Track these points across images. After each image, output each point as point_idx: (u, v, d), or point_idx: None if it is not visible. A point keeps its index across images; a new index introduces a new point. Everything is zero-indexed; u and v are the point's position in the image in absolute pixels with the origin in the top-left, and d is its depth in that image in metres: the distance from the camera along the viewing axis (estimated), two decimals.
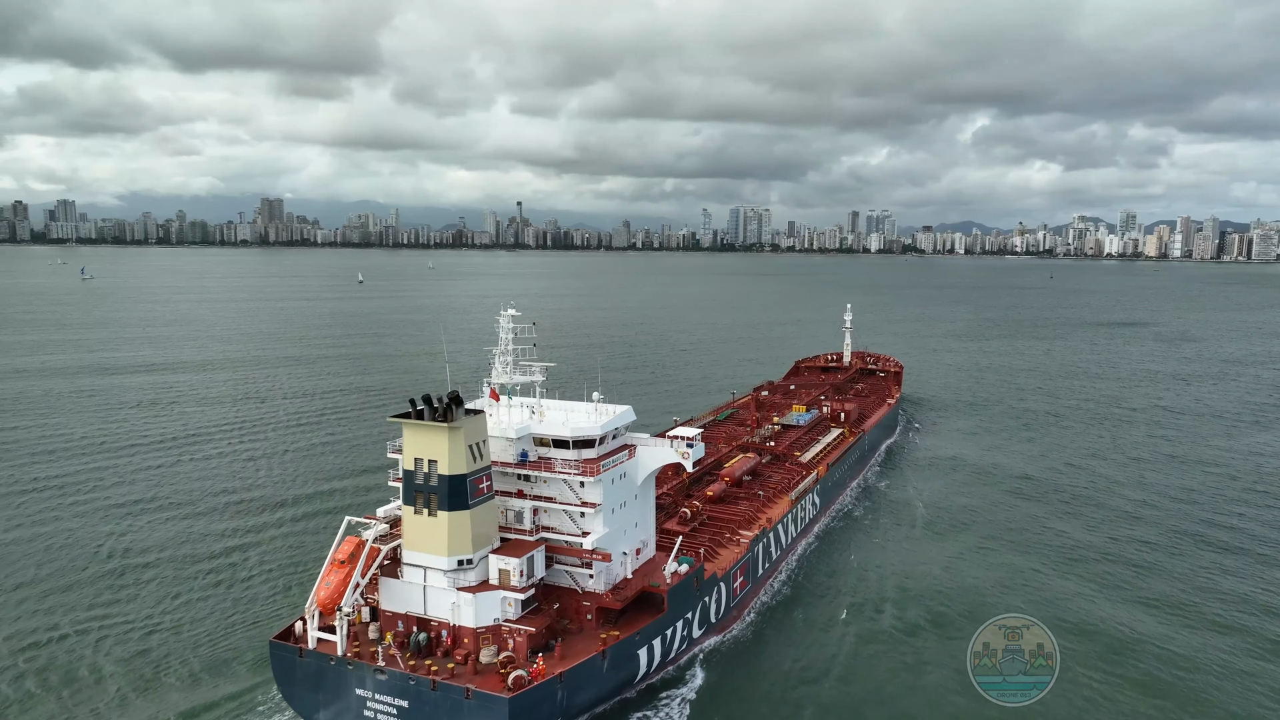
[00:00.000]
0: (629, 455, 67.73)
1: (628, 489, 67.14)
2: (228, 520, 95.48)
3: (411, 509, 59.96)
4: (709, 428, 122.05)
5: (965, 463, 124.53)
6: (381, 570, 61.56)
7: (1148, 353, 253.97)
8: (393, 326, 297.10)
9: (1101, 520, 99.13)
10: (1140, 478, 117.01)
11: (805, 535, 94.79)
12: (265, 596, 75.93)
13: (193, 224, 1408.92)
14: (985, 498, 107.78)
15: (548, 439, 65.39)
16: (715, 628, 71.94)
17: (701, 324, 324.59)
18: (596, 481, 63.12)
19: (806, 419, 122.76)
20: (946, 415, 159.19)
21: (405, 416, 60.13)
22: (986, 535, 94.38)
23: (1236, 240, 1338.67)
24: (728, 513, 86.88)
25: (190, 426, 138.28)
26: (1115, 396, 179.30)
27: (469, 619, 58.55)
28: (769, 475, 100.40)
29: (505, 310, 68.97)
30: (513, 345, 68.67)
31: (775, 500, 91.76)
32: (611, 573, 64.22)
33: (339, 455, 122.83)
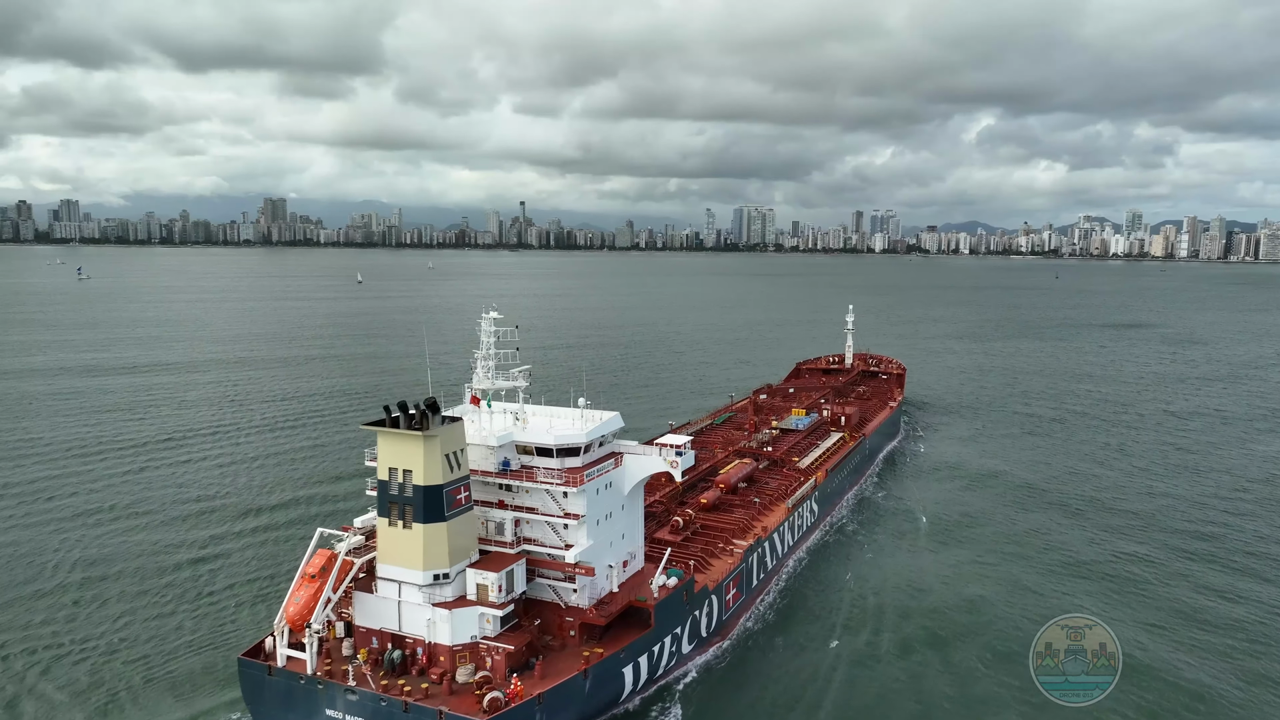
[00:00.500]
0: (615, 464, 65.09)
1: (614, 499, 64.48)
2: (197, 529, 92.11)
3: (386, 521, 57.38)
4: (706, 432, 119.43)
5: (969, 468, 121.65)
6: (356, 584, 58.99)
7: (1155, 355, 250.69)
8: (386, 327, 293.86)
9: (1107, 532, 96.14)
10: (1149, 486, 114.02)
11: (802, 544, 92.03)
12: (235, 610, 73.10)
13: (196, 224, 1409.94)
14: (989, 506, 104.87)
15: (531, 446, 62.80)
16: (706, 642, 69.26)
17: (701, 325, 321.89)
18: (580, 492, 60.51)
19: (806, 423, 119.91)
20: (950, 418, 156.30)
21: (379, 424, 57.47)
22: (989, 547, 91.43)
23: (1244, 240, 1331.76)
24: (722, 521, 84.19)
25: (165, 430, 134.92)
26: (1122, 401, 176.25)
27: (445, 636, 55.92)
28: (765, 482, 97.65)
29: (487, 313, 66.27)
30: (495, 349, 66.06)
31: (771, 508, 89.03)
32: (597, 586, 61.57)
33: (317, 462, 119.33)
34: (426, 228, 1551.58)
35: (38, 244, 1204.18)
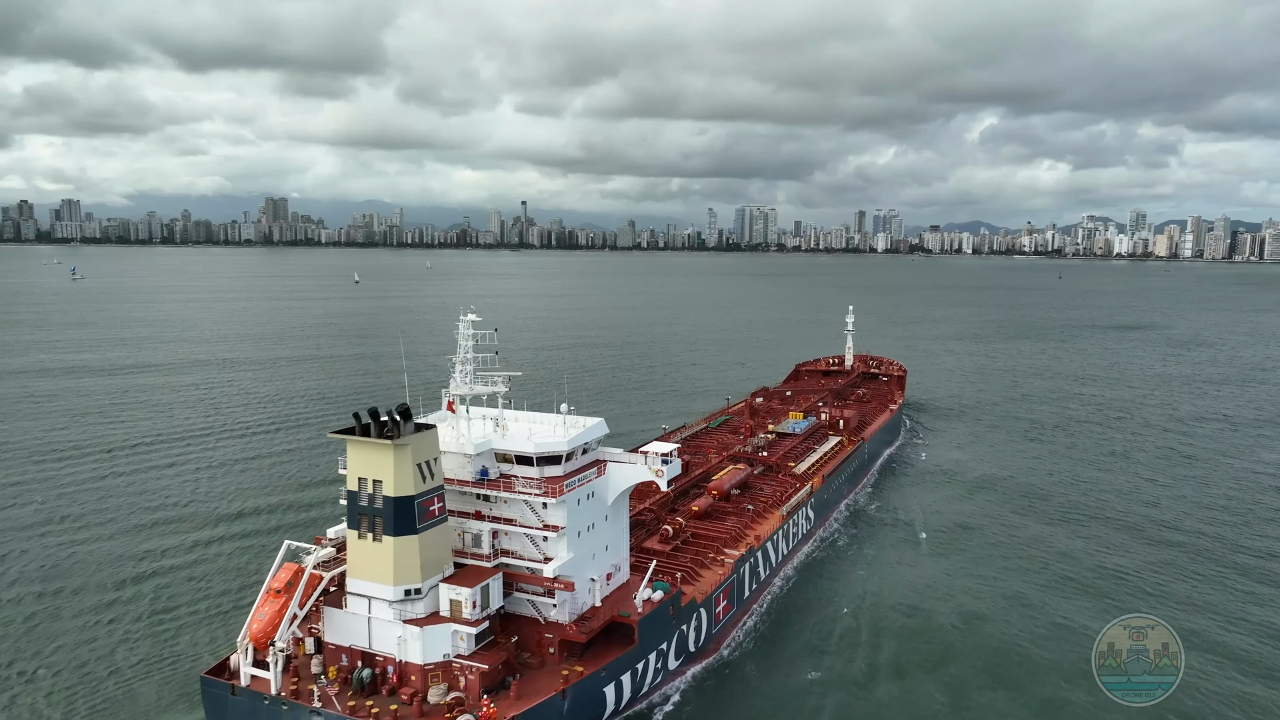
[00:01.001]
0: (599, 472, 62.34)
1: (596, 509, 61.73)
2: (161, 539, 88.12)
3: (356, 533, 54.70)
4: (701, 436, 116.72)
5: (970, 474, 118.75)
6: (325, 599, 56.33)
7: (1160, 357, 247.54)
8: (379, 328, 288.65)
9: (1112, 545, 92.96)
10: (1156, 495, 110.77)
11: (797, 552, 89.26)
12: (198, 625, 69.79)
13: (197, 223, 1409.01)
14: (990, 515, 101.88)
15: (510, 454, 60.14)
16: (695, 658, 66.53)
17: (699, 325, 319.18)
18: (560, 503, 57.77)
19: (803, 426, 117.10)
20: (951, 421, 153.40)
21: (349, 432, 54.76)
22: (990, 559, 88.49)
23: (1248, 240, 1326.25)
24: (713, 529, 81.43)
25: (136, 434, 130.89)
26: (1127, 405, 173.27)
27: (416, 655, 53.24)
28: (760, 488, 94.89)
29: (464, 315, 63.57)
30: (473, 353, 63.38)
31: (765, 515, 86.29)
32: (577, 601, 58.83)
33: (291, 468, 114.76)
34: (428, 227, 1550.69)
35: (39, 244, 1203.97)
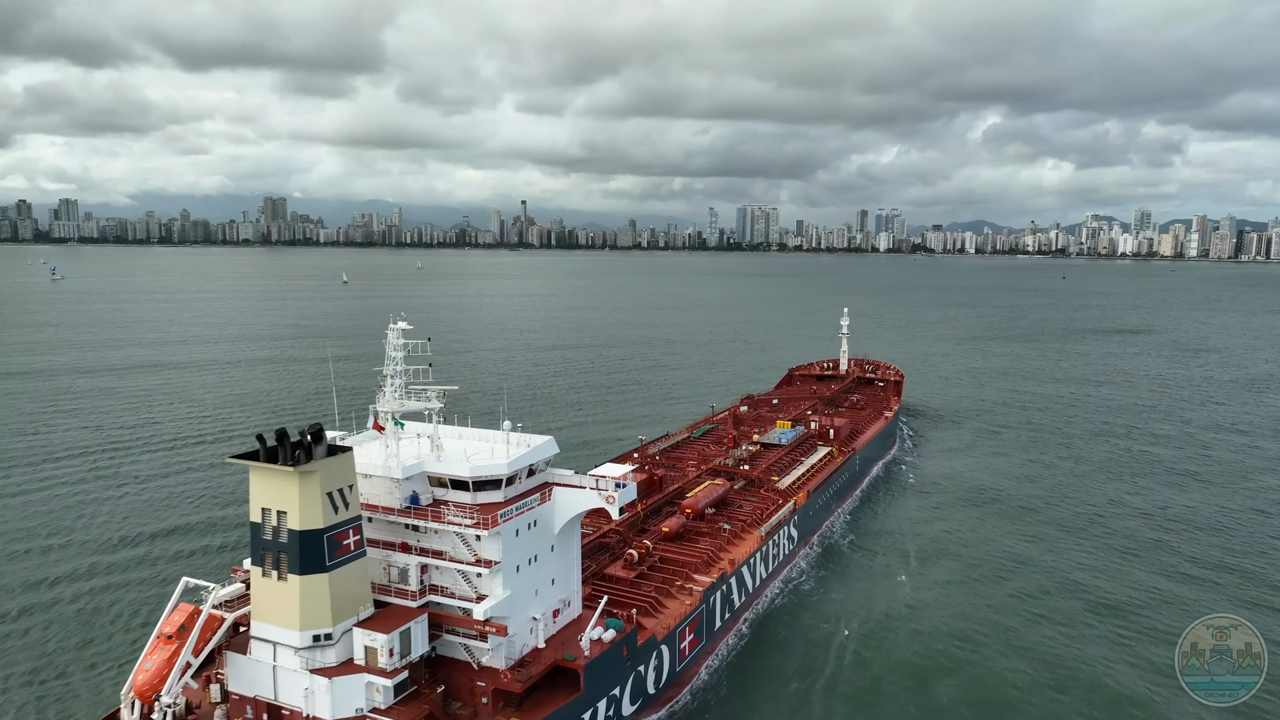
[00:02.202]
0: (543, 498, 55.82)
1: (540, 540, 55.23)
2: (54, 566, 79.22)
3: (260, 570, 48.22)
4: (681, 447, 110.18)
5: (968, 488, 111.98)
6: (229, 642, 49.93)
7: (1168, 364, 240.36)
8: (354, 331, 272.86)
9: (1123, 572, 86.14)
10: (1166, 518, 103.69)
11: (778, 576, 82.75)
12: (84, 674, 61.96)
13: (195, 223, 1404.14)
14: (989, 534, 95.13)
15: (444, 478, 53.69)
16: (657, 700, 60.09)
17: (690, 326, 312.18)
18: (494, 534, 51.28)
19: (791, 436, 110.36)
20: (950, 429, 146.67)
21: (252, 456, 48.17)
22: (987, 582, 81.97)
23: (1255, 239, 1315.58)
24: (684, 553, 74.97)
25: (50, 445, 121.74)
26: (1135, 416, 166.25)
27: (325, 709, 46.83)
28: (739, 505, 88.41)
29: (395, 323, 57.08)
30: (403, 364, 56.95)
31: (742, 536, 79.84)
32: (516, 644, 52.34)
33: (218, 486, 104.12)
34: (427, 227, 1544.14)
35: (37, 244, 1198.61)
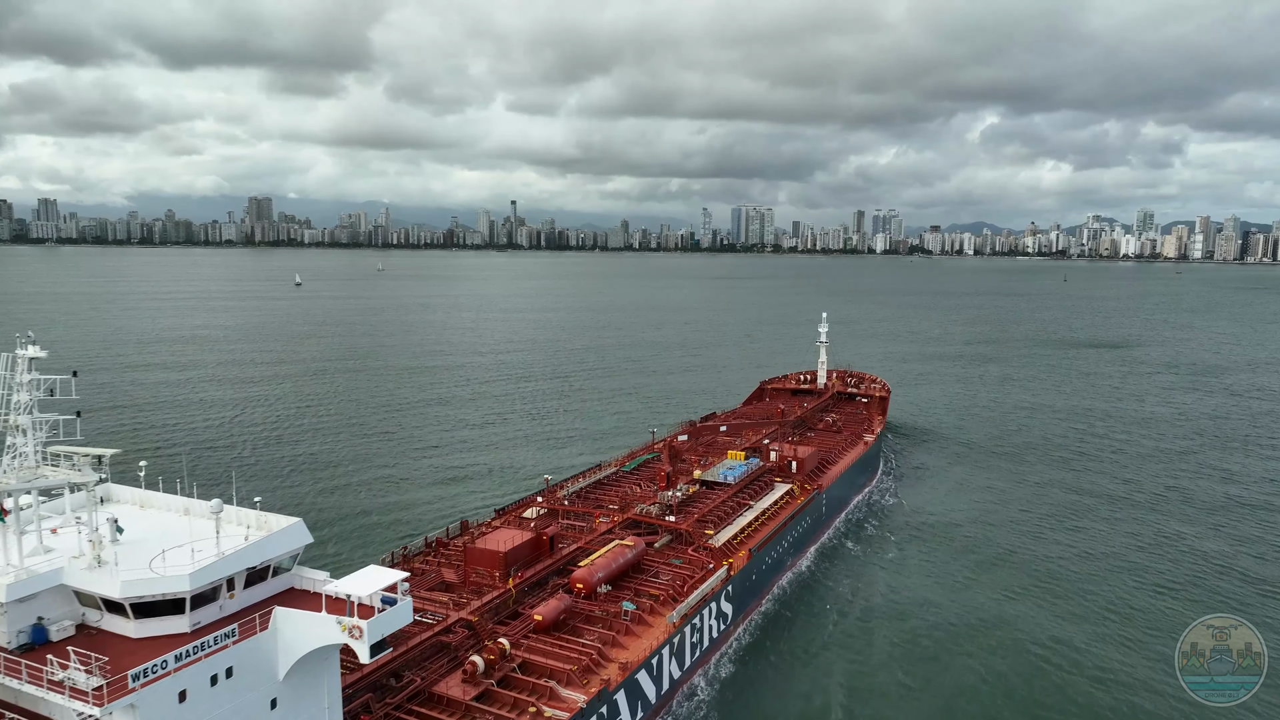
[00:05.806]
0: (259, 626, 33.06)
1: (247, 696, 32.36)
2: None
3: None
4: (603, 486, 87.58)
5: (960, 532, 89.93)
6: None
7: (1186, 384, 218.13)
8: (270, 342, 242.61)
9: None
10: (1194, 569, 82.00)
11: (694, 673, 60.10)
12: None
13: (178, 223, 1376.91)
14: (985, 600, 73.11)
15: (95, 596, 31.17)
16: None
17: (663, 333, 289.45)
18: (127, 708, 28.47)
19: (740, 472, 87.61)
20: (942, 454, 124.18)
21: None
22: (975, 678, 59.50)
23: (1260, 241, 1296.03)
24: (561, 651, 52.69)
25: None
26: (1151, 446, 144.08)
27: None
28: (656, 572, 65.85)
29: (21, 348, 34.54)
30: (31, 415, 34.22)
31: (646, 623, 57.30)
32: None
33: None
34: (415, 228, 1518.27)
35: (15, 244, 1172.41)
